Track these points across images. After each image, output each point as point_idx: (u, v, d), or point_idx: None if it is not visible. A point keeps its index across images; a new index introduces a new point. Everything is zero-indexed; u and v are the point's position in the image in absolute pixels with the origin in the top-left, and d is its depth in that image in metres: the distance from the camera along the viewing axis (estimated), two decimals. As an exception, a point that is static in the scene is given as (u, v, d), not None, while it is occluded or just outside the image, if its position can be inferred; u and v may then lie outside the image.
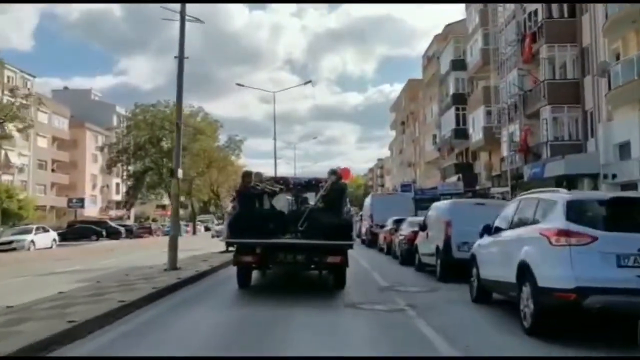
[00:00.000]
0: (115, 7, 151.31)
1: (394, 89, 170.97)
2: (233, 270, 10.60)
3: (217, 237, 31.75)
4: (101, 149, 48.35)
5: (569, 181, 26.07)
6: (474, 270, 9.17)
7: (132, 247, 33.00)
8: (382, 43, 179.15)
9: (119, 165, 44.33)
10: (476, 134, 38.92)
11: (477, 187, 41.20)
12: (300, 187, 12.07)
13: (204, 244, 31.36)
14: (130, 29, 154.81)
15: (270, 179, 11.75)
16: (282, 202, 10.79)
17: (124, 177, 46.48)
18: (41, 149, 66.42)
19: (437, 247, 12.53)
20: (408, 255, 16.45)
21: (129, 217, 75.28)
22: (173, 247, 12.88)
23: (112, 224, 56.71)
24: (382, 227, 23.28)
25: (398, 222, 21.02)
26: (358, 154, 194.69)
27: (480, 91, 38.45)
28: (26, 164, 62.68)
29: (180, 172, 13.04)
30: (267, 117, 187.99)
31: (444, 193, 41.82)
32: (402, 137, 75.29)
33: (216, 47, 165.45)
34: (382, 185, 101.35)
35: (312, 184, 11.95)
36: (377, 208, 26.42)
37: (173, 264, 12.69)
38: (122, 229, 54.42)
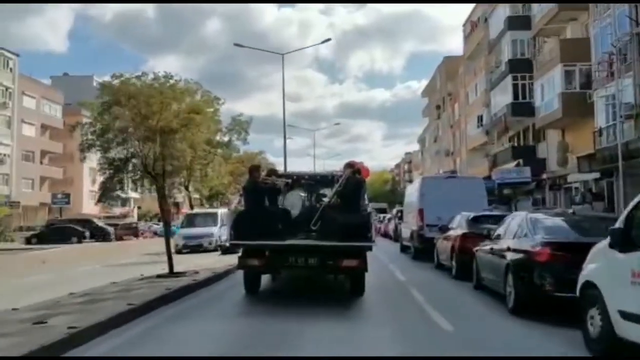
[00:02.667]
0: (148, 8, 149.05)
1: (422, 85, 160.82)
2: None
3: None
4: (72, 128, 39.91)
5: None
6: None
7: (85, 255, 24.81)
8: (410, 39, 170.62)
9: (93, 150, 35.99)
10: (548, 106, 29.22)
11: (545, 176, 31.86)
12: (314, 182, 10.96)
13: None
14: (162, 29, 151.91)
15: (282, 175, 10.81)
16: (294, 199, 10.04)
17: (99, 166, 37.88)
18: (28, 138, 58.89)
19: None
20: (531, 296, 7.52)
21: (132, 216, 67.62)
22: None
23: (100, 223, 48.96)
24: (444, 229, 14.05)
25: (475, 223, 12.39)
26: (384, 151, 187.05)
27: (556, 46, 28.81)
28: (8, 155, 55.05)
29: None
30: (293, 115, 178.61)
31: (504, 183, 32.78)
32: (438, 123, 65.80)
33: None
34: (410, 181, 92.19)
35: (327, 179, 10.85)
36: (431, 199, 16.41)
37: None
38: (112, 229, 46.61)
